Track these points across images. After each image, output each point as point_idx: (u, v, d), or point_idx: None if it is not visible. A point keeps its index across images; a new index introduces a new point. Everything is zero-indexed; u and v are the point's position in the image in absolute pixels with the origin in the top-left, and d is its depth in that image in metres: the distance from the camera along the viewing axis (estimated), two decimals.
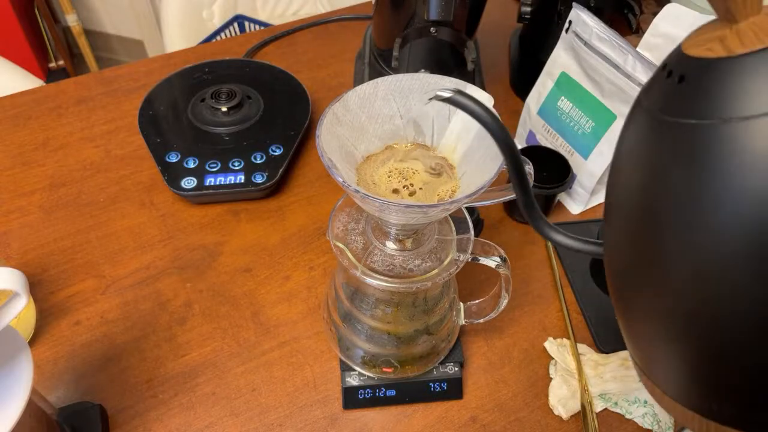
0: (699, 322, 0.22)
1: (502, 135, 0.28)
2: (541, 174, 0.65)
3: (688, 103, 0.21)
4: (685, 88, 0.22)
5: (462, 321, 0.53)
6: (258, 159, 0.67)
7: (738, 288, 0.21)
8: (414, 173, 0.40)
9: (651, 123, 0.23)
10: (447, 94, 0.28)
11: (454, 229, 0.46)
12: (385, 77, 0.40)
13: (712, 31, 0.22)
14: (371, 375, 0.51)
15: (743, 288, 0.21)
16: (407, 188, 0.40)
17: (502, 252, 0.46)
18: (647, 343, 0.26)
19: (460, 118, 0.40)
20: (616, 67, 0.60)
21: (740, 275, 0.21)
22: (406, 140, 0.42)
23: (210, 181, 0.65)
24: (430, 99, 0.29)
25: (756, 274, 0.20)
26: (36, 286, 0.60)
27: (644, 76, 0.58)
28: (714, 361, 0.23)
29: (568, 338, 0.57)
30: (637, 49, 0.63)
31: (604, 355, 0.56)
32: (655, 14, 0.68)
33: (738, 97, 0.20)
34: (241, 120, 0.71)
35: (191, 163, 0.67)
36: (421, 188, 0.40)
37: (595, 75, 0.63)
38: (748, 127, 0.20)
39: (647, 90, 0.25)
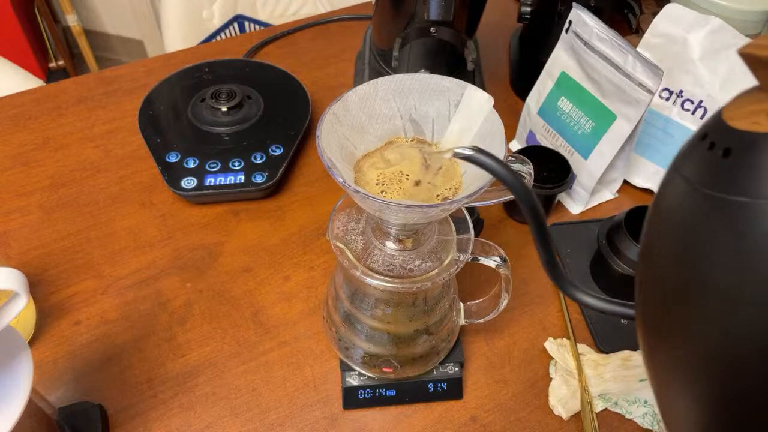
0: (721, 390, 0.22)
1: (525, 194, 0.28)
2: (541, 174, 0.65)
3: (736, 179, 0.21)
4: (731, 163, 0.21)
5: (462, 321, 0.53)
6: (258, 159, 0.67)
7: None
8: (414, 177, 0.40)
9: (693, 195, 0.23)
10: (467, 152, 0.27)
11: (454, 229, 0.46)
12: (385, 77, 0.40)
13: (756, 103, 0.22)
14: (371, 375, 0.51)
15: None
16: (409, 187, 0.40)
17: (502, 252, 0.46)
18: (672, 403, 0.26)
19: (461, 118, 0.40)
20: (616, 67, 0.60)
21: None
22: (406, 137, 0.42)
23: (210, 181, 0.65)
24: (451, 156, 0.29)
25: None
26: (36, 286, 0.60)
27: (644, 76, 0.58)
28: (731, 426, 0.23)
29: (568, 338, 0.57)
30: (637, 49, 0.63)
31: (604, 355, 0.56)
32: (655, 14, 0.68)
33: None
34: (241, 120, 0.71)
35: (191, 163, 0.67)
36: (420, 184, 0.40)
37: (595, 75, 0.63)
38: None
39: (685, 158, 0.24)
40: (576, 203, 0.69)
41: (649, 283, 0.26)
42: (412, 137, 0.42)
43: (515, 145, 0.77)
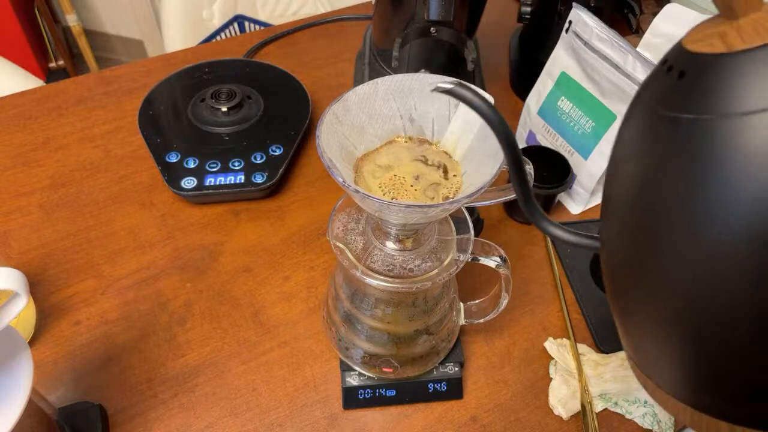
0: (694, 318, 0.23)
1: (501, 128, 0.28)
2: (541, 174, 0.65)
3: (688, 98, 0.22)
4: (684, 83, 0.22)
5: (462, 321, 0.53)
6: (258, 159, 0.67)
7: (734, 285, 0.21)
8: (415, 176, 0.40)
9: (650, 118, 0.23)
10: (448, 86, 0.28)
11: (454, 229, 0.46)
12: (385, 77, 0.40)
13: (713, 27, 0.22)
14: (371, 375, 0.51)
15: (739, 285, 0.21)
16: (410, 186, 0.40)
17: (502, 252, 0.46)
18: (642, 337, 0.26)
19: (461, 118, 0.40)
20: (616, 67, 0.60)
21: (737, 272, 0.21)
22: (407, 136, 0.42)
23: (210, 181, 0.65)
24: (433, 90, 0.29)
25: (754, 271, 0.20)
26: (36, 286, 0.60)
27: (644, 76, 0.57)
28: (707, 356, 0.23)
29: (568, 338, 0.57)
30: (637, 49, 0.63)
31: (604, 355, 0.56)
32: (655, 14, 0.68)
33: (737, 92, 0.20)
34: (241, 120, 0.71)
35: (191, 163, 0.67)
36: (422, 189, 0.40)
37: (595, 75, 0.63)
38: (747, 123, 0.20)
39: (647, 85, 0.25)
40: (576, 203, 0.69)
41: (611, 210, 0.26)
42: (409, 136, 0.42)
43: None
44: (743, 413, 0.23)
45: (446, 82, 0.28)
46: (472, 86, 0.39)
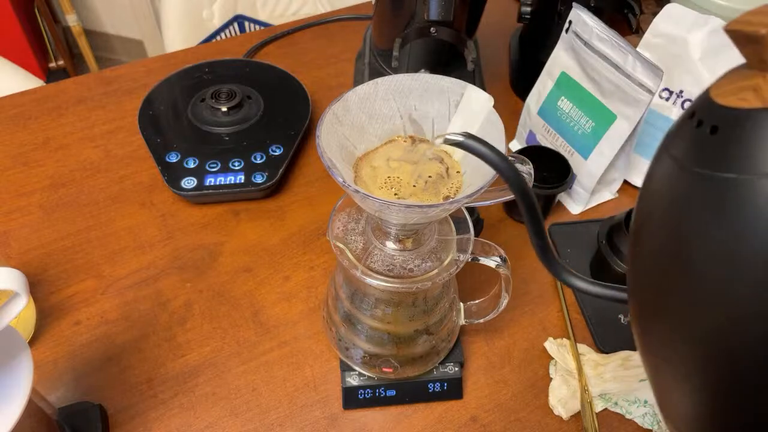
0: (718, 373, 0.22)
1: (515, 178, 0.28)
2: (541, 174, 0.65)
3: (723, 156, 0.21)
4: (718, 139, 0.21)
5: (462, 321, 0.53)
6: (258, 159, 0.67)
7: (762, 347, 0.21)
8: (416, 175, 0.40)
9: (681, 174, 0.23)
10: (458, 139, 0.28)
11: (454, 229, 0.46)
12: (385, 77, 0.40)
13: (743, 80, 0.22)
14: (371, 375, 0.51)
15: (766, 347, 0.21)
16: (410, 186, 0.40)
17: (502, 252, 0.46)
18: (667, 386, 0.26)
19: (461, 118, 0.40)
20: (616, 67, 0.60)
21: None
22: (406, 135, 0.42)
23: (210, 181, 0.65)
24: (442, 143, 0.29)
25: None
26: (36, 286, 0.60)
27: (644, 76, 0.58)
28: (729, 412, 0.23)
29: (568, 338, 0.57)
30: (637, 49, 0.63)
31: (604, 355, 0.56)
32: (655, 14, 0.68)
33: None
34: (241, 120, 0.71)
35: (191, 163, 0.67)
36: (422, 188, 0.40)
37: (595, 75, 0.63)
38: None
39: (673, 137, 0.24)
40: (576, 203, 0.69)
41: (640, 265, 0.26)
42: (409, 135, 0.42)
43: (515, 145, 0.77)
44: None
45: (455, 134, 0.28)
46: (470, 86, 0.39)
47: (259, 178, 0.66)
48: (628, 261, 0.28)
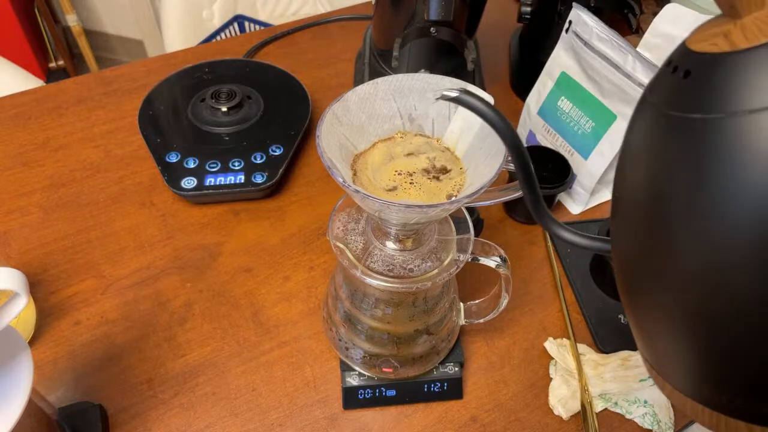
0: (707, 315, 0.23)
1: (509, 133, 0.28)
2: (541, 174, 0.65)
3: (694, 97, 0.22)
4: (690, 83, 0.22)
5: (462, 321, 0.53)
6: (258, 159, 0.67)
7: (745, 281, 0.21)
8: (416, 173, 0.40)
9: (657, 119, 0.24)
10: (453, 94, 0.28)
11: (454, 229, 0.46)
12: (385, 77, 0.40)
13: (716, 27, 0.23)
14: (371, 375, 0.51)
15: (750, 281, 0.21)
16: (411, 184, 0.40)
17: (502, 252, 0.46)
18: (656, 337, 0.27)
19: (461, 117, 0.40)
20: (616, 67, 0.60)
21: (748, 268, 0.21)
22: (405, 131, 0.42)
23: (210, 181, 0.65)
24: (437, 98, 0.29)
25: (763, 267, 0.20)
26: (36, 286, 0.60)
27: (644, 76, 0.58)
28: (723, 355, 0.23)
29: (568, 338, 0.57)
30: (637, 49, 0.63)
31: (604, 355, 0.56)
32: (655, 14, 0.68)
33: (743, 90, 0.20)
34: (241, 120, 0.71)
35: (191, 163, 0.67)
36: (423, 186, 0.40)
37: (595, 75, 0.63)
38: (754, 120, 0.20)
39: (652, 86, 0.25)
40: (576, 203, 0.69)
41: (621, 213, 0.27)
42: (408, 132, 0.42)
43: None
44: (763, 412, 0.23)
45: (451, 89, 0.28)
46: (477, 91, 0.39)
47: (259, 178, 0.66)
48: (610, 213, 0.28)
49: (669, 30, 0.66)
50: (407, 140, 0.42)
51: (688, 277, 0.23)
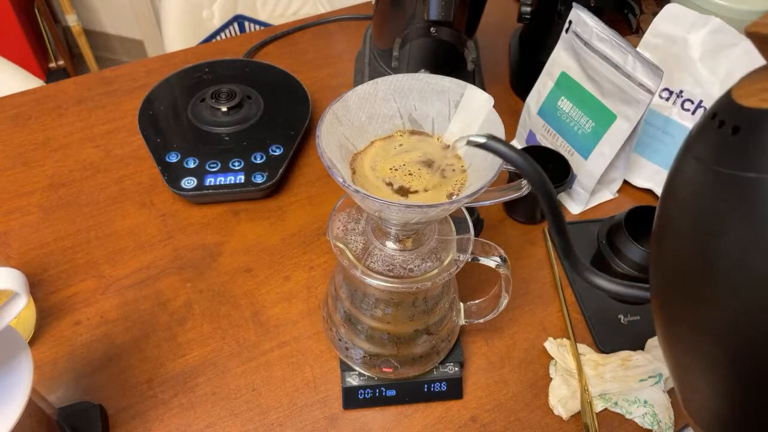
0: (740, 365, 0.23)
1: (538, 179, 0.28)
2: None
3: (745, 155, 0.21)
4: (740, 140, 0.22)
5: (462, 321, 0.53)
6: (258, 159, 0.67)
7: None
8: (418, 170, 0.40)
9: (704, 174, 0.23)
10: (481, 140, 0.28)
11: (454, 229, 0.46)
12: (385, 77, 0.40)
13: (764, 81, 0.22)
14: (371, 375, 0.51)
15: None
16: (411, 181, 0.40)
17: (502, 252, 0.46)
18: (691, 382, 0.27)
19: (460, 118, 0.40)
20: (616, 67, 0.60)
21: None
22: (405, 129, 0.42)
23: (210, 181, 0.65)
24: (466, 144, 0.29)
25: None
26: (36, 286, 0.60)
27: (644, 76, 0.58)
28: (753, 404, 0.23)
29: (568, 338, 0.57)
30: (637, 49, 0.63)
31: (604, 355, 0.56)
32: (655, 14, 0.68)
33: None
34: (241, 120, 0.71)
35: (191, 163, 0.67)
36: (426, 188, 0.40)
37: (595, 75, 0.63)
38: None
39: (695, 138, 0.24)
40: (576, 203, 0.69)
41: (665, 264, 0.26)
42: (409, 130, 0.42)
43: (515, 145, 0.77)
44: None
45: (478, 135, 0.28)
46: (470, 86, 0.39)
47: (259, 178, 0.66)
48: (650, 261, 0.28)
49: (669, 30, 0.66)
50: (407, 138, 0.42)
51: (732, 331, 0.23)
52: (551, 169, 0.65)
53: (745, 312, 0.22)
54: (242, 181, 0.66)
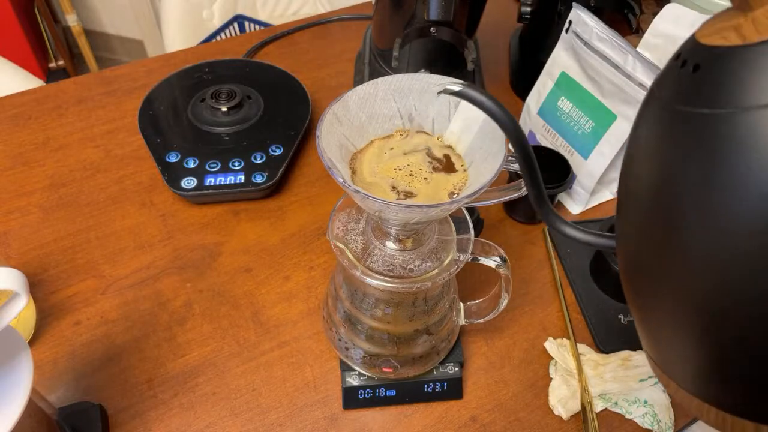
0: (713, 311, 0.22)
1: (512, 126, 0.28)
2: (541, 174, 0.65)
3: (704, 92, 0.21)
4: (699, 77, 0.22)
5: (462, 321, 0.53)
6: (258, 159, 0.67)
7: (751, 276, 0.21)
8: (419, 170, 0.40)
9: (665, 113, 0.23)
10: (456, 88, 0.28)
11: (454, 229, 0.46)
12: (385, 77, 0.40)
13: (726, 20, 0.22)
14: (371, 375, 0.51)
15: (756, 276, 0.21)
16: (412, 181, 0.40)
17: (502, 252, 0.46)
18: (662, 335, 0.26)
19: (461, 118, 0.40)
20: (616, 67, 0.60)
21: (754, 264, 0.20)
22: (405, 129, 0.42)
23: (210, 181, 0.65)
24: (440, 92, 0.29)
25: None
26: (36, 286, 0.60)
27: (644, 76, 0.58)
28: (729, 352, 0.23)
29: (568, 338, 0.57)
30: (637, 49, 0.63)
31: (604, 355, 0.56)
32: (655, 14, 0.68)
33: (755, 85, 0.20)
34: (241, 120, 0.71)
35: (191, 163, 0.67)
36: (426, 179, 0.40)
37: (595, 75, 0.63)
38: (765, 116, 0.20)
39: (660, 80, 0.24)
40: (576, 203, 0.69)
41: (629, 210, 0.26)
42: (408, 129, 0.42)
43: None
44: None
45: (453, 83, 0.28)
46: (480, 89, 0.39)
47: (259, 178, 0.66)
48: (616, 209, 0.28)
49: (669, 30, 0.66)
50: (406, 137, 0.42)
51: (695, 272, 0.22)
52: (551, 169, 0.65)
53: (709, 257, 0.22)
54: (242, 181, 0.66)
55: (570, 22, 0.65)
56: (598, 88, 0.63)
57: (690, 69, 0.22)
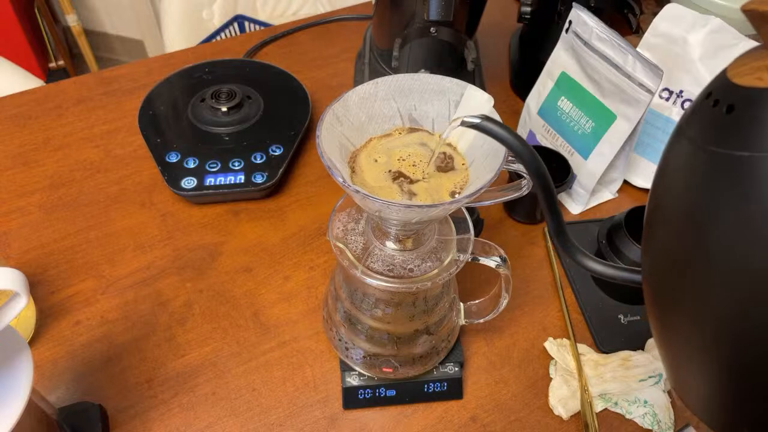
0: (736, 350, 0.23)
1: (531, 160, 0.28)
2: None
3: (739, 134, 0.21)
4: (734, 118, 0.21)
5: (462, 321, 0.53)
6: (258, 159, 0.67)
7: None
8: (421, 161, 0.40)
9: (698, 153, 0.23)
10: (475, 121, 0.28)
11: (454, 229, 0.46)
12: (385, 77, 0.40)
13: (759, 60, 0.22)
14: (371, 375, 0.51)
15: None
16: (411, 180, 0.40)
17: (502, 252, 0.46)
18: (683, 367, 0.26)
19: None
20: (616, 67, 0.60)
21: None
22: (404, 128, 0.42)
23: (210, 181, 0.65)
24: (459, 126, 0.29)
25: None
26: (36, 286, 0.60)
27: (644, 76, 0.58)
28: (746, 388, 0.23)
29: (568, 338, 0.57)
30: (637, 49, 0.63)
31: (604, 355, 0.56)
32: (655, 14, 0.68)
33: None
34: (241, 120, 0.71)
35: (191, 163, 0.67)
36: (426, 179, 0.40)
37: (595, 75, 0.63)
38: None
39: (690, 118, 0.24)
40: (576, 203, 0.69)
41: (657, 246, 0.26)
42: (408, 128, 0.42)
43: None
44: None
45: (472, 116, 0.28)
46: (470, 86, 0.39)
47: (259, 178, 0.66)
48: (642, 244, 0.28)
49: (669, 30, 0.66)
50: (405, 135, 0.42)
51: (720, 311, 0.22)
52: (551, 169, 0.65)
53: (739, 297, 0.22)
54: (242, 181, 0.66)
55: (570, 22, 0.65)
56: (598, 88, 0.63)
57: (723, 110, 0.22)
